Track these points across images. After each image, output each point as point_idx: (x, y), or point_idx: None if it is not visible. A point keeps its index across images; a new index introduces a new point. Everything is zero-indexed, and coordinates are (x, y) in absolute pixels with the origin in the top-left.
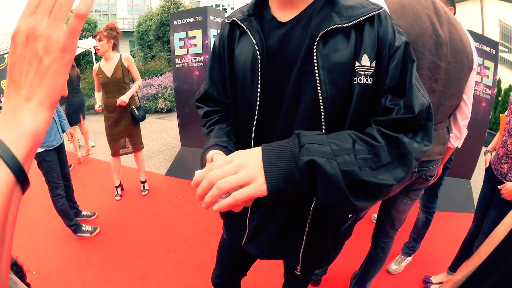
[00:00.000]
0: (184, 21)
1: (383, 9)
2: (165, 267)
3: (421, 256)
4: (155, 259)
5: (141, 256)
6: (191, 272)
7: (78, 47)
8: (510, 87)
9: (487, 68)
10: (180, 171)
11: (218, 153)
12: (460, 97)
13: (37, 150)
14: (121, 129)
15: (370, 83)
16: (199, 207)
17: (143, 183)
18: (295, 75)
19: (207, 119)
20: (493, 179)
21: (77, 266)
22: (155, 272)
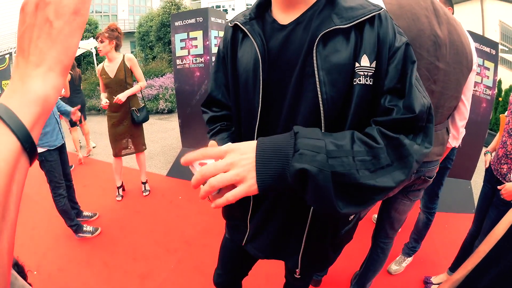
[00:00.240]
0: (185, 22)
1: (383, 9)
2: (166, 267)
3: (422, 256)
4: (156, 259)
5: (142, 256)
6: (192, 272)
7: (79, 47)
8: (510, 88)
9: (487, 68)
10: (181, 172)
11: (212, 144)
12: (458, 98)
13: (40, 150)
14: (124, 130)
15: (370, 83)
16: (200, 208)
17: (144, 183)
18: (296, 77)
19: (210, 127)
20: (493, 180)
21: (78, 266)
22: (156, 272)
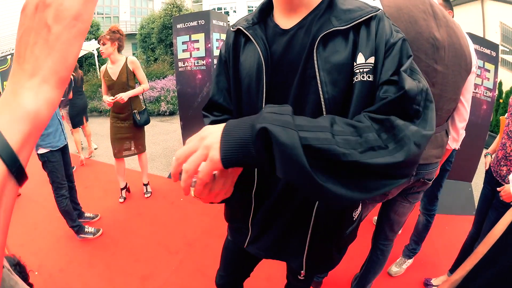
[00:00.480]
0: (187, 24)
1: (380, 10)
2: (167, 269)
3: (422, 258)
4: (157, 261)
5: (144, 257)
6: (193, 274)
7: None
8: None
9: (488, 70)
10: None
11: None
12: (457, 100)
13: (43, 151)
14: (125, 131)
15: (369, 79)
16: (202, 210)
17: (146, 185)
18: (298, 79)
19: None
20: (493, 181)
21: (79, 267)
22: (157, 273)
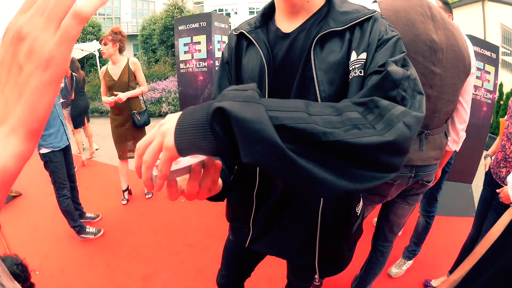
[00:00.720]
0: (188, 26)
1: (376, 13)
2: (168, 269)
3: (422, 260)
4: (158, 261)
5: (144, 258)
6: (194, 274)
7: (82, 50)
8: None
9: (488, 72)
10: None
11: None
12: (455, 102)
13: (45, 151)
14: (126, 132)
15: (361, 75)
16: (203, 211)
17: None
18: (297, 81)
19: None
20: (492, 183)
21: (80, 267)
22: (158, 274)
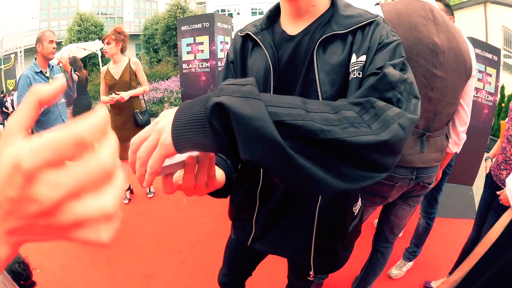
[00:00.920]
0: (191, 27)
1: (378, 17)
2: (170, 268)
3: (422, 261)
4: (159, 260)
5: (146, 257)
6: (195, 273)
7: (84, 49)
8: None
9: (489, 75)
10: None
11: None
12: (456, 104)
13: None
14: (127, 133)
15: (360, 76)
16: (204, 210)
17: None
18: (301, 82)
19: None
20: (493, 185)
21: (82, 265)
22: (160, 273)
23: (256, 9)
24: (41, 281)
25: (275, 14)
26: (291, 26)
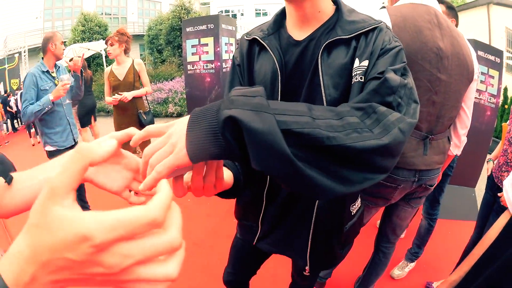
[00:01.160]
0: (196, 28)
1: (382, 23)
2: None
3: (425, 262)
4: None
5: None
6: (200, 272)
7: (88, 49)
8: None
9: (492, 77)
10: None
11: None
12: (458, 108)
13: (50, 149)
14: None
15: (362, 81)
16: (209, 210)
17: None
18: (306, 86)
19: None
20: (494, 187)
21: None
22: None
23: (260, 10)
24: None
25: (281, 18)
26: (297, 31)
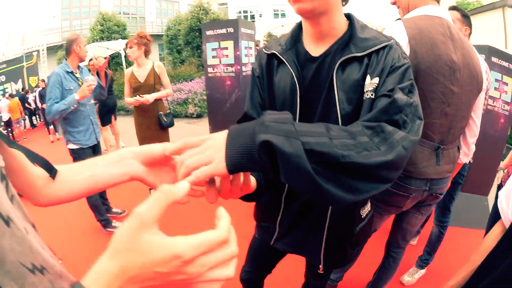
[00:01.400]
0: (216, 31)
1: (392, 41)
2: None
3: (435, 269)
4: None
5: None
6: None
7: (107, 48)
8: None
9: (506, 84)
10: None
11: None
12: (468, 118)
13: (73, 147)
14: (151, 134)
15: (372, 97)
16: (227, 211)
17: None
18: (323, 99)
19: None
20: None
21: None
22: None
23: (278, 11)
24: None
25: (298, 33)
26: (313, 47)
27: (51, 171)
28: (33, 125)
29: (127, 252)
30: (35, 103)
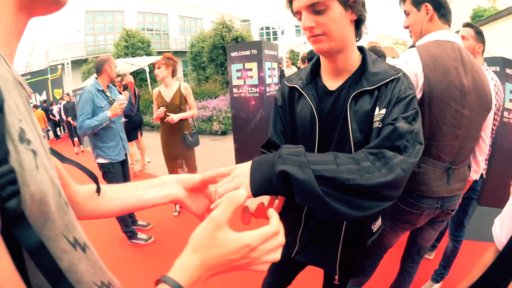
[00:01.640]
0: (240, 53)
1: (399, 74)
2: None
3: (450, 284)
4: None
5: None
6: (241, 282)
7: (132, 64)
8: None
9: None
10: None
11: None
12: (478, 138)
13: (102, 161)
14: (177, 152)
15: (380, 126)
16: (251, 226)
17: None
18: (338, 129)
19: None
20: None
21: (129, 268)
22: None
23: (300, 27)
24: None
25: (316, 68)
26: (330, 81)
27: (98, 188)
28: (57, 136)
29: (206, 247)
30: (60, 115)
